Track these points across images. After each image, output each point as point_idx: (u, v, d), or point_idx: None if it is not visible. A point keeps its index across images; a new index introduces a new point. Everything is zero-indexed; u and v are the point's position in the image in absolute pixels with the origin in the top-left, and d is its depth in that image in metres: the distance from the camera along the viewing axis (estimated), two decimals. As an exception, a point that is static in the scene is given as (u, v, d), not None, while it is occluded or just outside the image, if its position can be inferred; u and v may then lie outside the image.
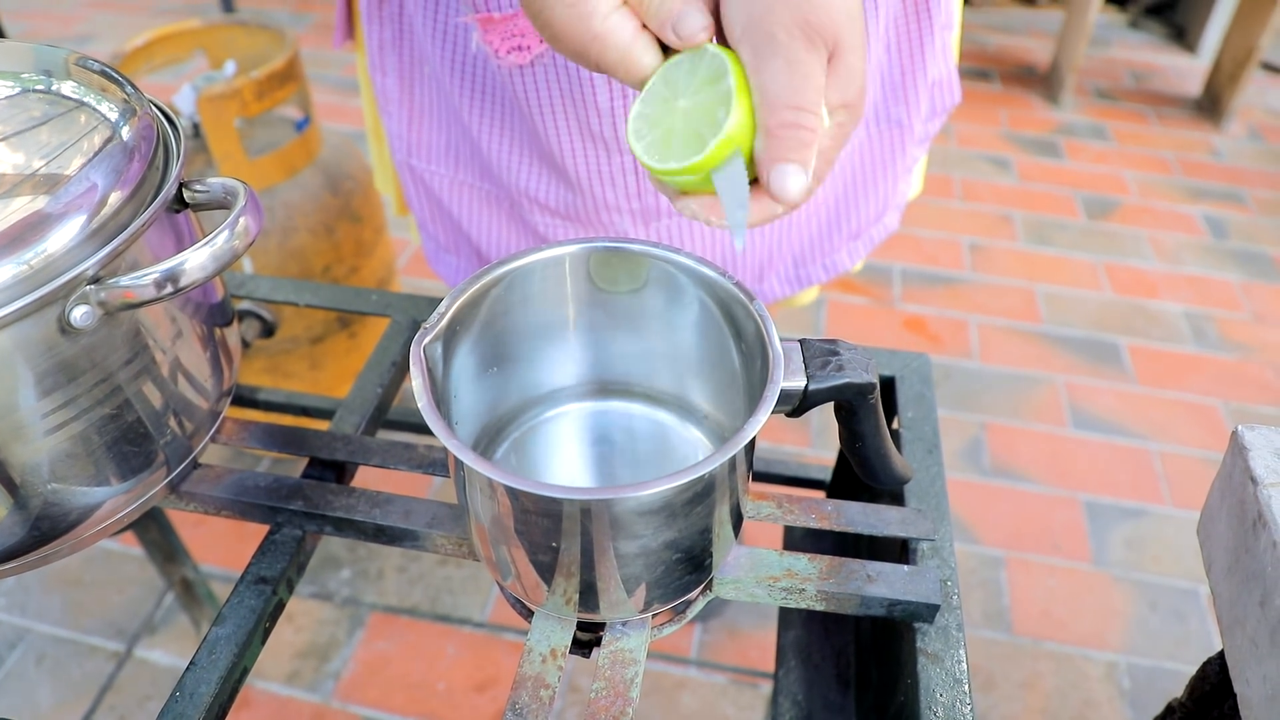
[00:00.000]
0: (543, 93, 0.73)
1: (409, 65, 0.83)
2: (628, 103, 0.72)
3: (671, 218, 0.82)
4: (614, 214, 0.81)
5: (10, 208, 0.40)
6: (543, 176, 0.81)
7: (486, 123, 0.80)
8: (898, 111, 0.86)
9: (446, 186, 0.88)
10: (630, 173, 0.77)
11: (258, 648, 0.52)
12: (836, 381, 0.44)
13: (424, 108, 0.85)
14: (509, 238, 0.90)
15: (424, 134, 0.86)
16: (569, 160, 0.77)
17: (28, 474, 0.44)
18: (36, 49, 0.50)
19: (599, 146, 0.75)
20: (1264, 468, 0.48)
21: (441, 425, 0.39)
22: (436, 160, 0.87)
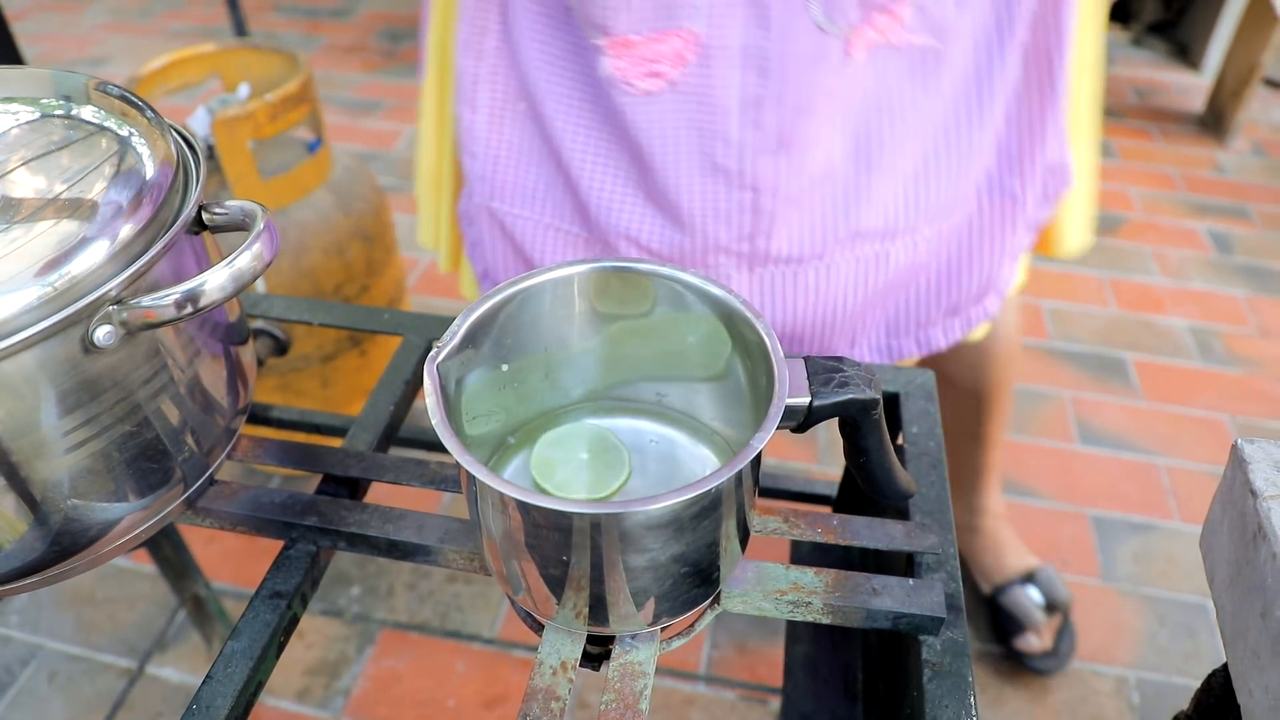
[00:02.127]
0: (667, 123, 0.72)
1: (502, 102, 0.81)
2: (760, 132, 0.72)
3: (779, 265, 0.81)
4: (720, 256, 0.80)
5: (35, 231, 0.41)
6: (647, 216, 0.79)
7: (590, 159, 0.78)
8: (1012, 184, 0.84)
9: (530, 230, 0.85)
10: (746, 210, 0.76)
11: (272, 662, 0.53)
12: (840, 398, 0.44)
13: (515, 147, 0.83)
14: None
15: (511, 175, 0.84)
16: (684, 195, 0.75)
17: (49, 490, 0.45)
18: (56, 75, 0.52)
19: (719, 180, 0.74)
20: (1263, 480, 0.49)
21: (455, 441, 0.40)
22: (522, 203, 0.85)
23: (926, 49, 0.73)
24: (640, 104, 0.72)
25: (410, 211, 2.26)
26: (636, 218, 0.79)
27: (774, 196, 0.76)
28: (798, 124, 0.72)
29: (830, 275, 0.83)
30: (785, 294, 0.83)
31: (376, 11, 3.55)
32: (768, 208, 0.76)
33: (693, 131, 0.72)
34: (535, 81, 0.77)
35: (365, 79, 2.99)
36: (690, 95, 0.71)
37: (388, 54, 3.17)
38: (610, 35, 0.69)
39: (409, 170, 2.47)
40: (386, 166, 2.49)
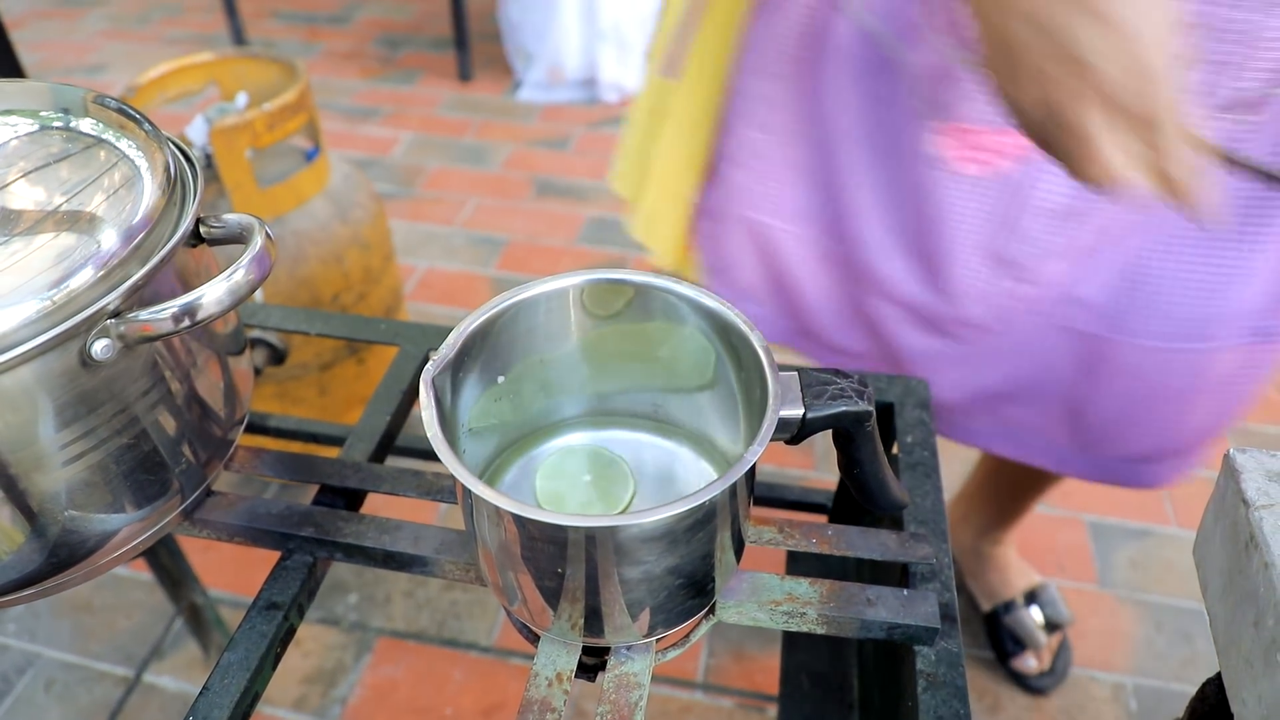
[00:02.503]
0: (970, 204, 0.72)
1: (793, 127, 0.81)
2: (1061, 240, 0.71)
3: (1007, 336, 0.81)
4: (971, 331, 0.80)
5: (34, 244, 0.42)
6: (914, 273, 0.79)
7: (870, 201, 0.78)
8: (1273, 325, 0.80)
9: (791, 243, 0.86)
10: (1005, 296, 0.76)
11: (269, 672, 0.53)
12: (833, 410, 0.45)
13: (797, 168, 0.83)
14: (840, 297, 0.87)
15: (784, 192, 0.84)
16: (959, 270, 0.75)
17: (47, 503, 0.46)
18: (54, 88, 0.52)
19: (1000, 268, 0.74)
20: (1255, 490, 0.49)
21: (450, 455, 0.40)
22: (790, 219, 0.85)
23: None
24: (950, 182, 0.71)
25: (409, 219, 2.27)
26: (904, 271, 0.79)
27: (1045, 290, 0.76)
28: (1100, 245, 0.71)
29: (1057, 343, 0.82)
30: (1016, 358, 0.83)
31: (374, 18, 3.55)
32: (1029, 296, 0.76)
33: (994, 220, 0.72)
34: (835, 120, 0.77)
35: (363, 86, 2.99)
36: (1009, 188, 0.70)
37: (386, 61, 3.18)
38: (952, 119, 0.69)
39: (406, 177, 2.47)
40: (384, 173, 2.49)
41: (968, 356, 0.84)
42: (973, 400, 0.87)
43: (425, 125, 2.75)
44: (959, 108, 0.69)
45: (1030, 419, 0.89)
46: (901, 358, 0.87)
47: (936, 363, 0.86)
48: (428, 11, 3.59)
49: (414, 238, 2.21)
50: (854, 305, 0.87)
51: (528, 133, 2.71)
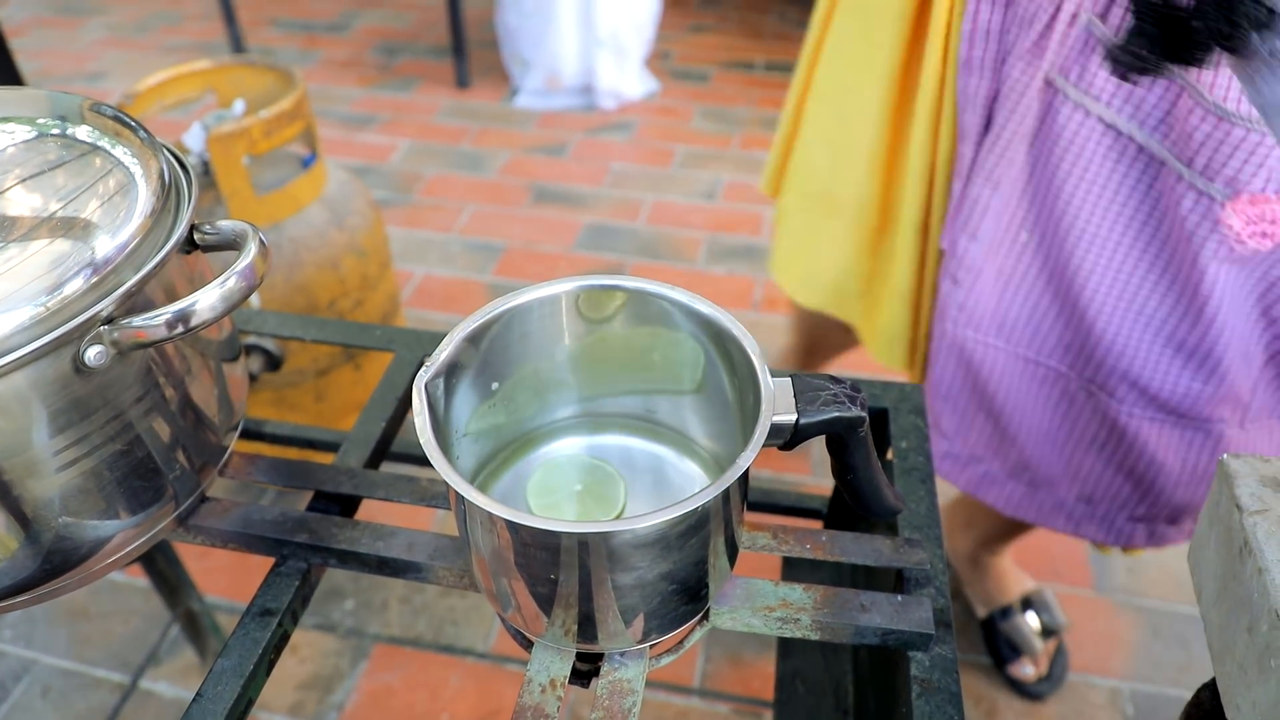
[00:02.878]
0: (1245, 280, 0.70)
1: (1005, 230, 0.80)
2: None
3: (1266, 419, 0.79)
4: (1227, 408, 0.77)
5: (29, 250, 0.42)
6: (1173, 365, 0.77)
7: (1115, 297, 0.76)
8: None
9: (998, 360, 0.84)
10: (1268, 357, 0.75)
11: (263, 679, 0.53)
12: (826, 416, 0.45)
13: (1004, 275, 0.82)
14: (1051, 423, 0.85)
15: (993, 303, 0.83)
16: (1223, 345, 0.73)
17: (40, 509, 0.46)
18: (52, 95, 0.52)
19: (1264, 331, 0.73)
20: (1249, 496, 0.49)
21: (443, 462, 0.40)
22: (999, 333, 0.83)
23: None
24: (1233, 259, 0.70)
25: (406, 225, 2.28)
26: (1159, 366, 0.78)
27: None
28: None
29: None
30: (1265, 450, 0.81)
31: (373, 27, 3.56)
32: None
33: (1263, 285, 0.71)
34: (1066, 214, 0.76)
35: (361, 94, 3.00)
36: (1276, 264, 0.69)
37: (383, 68, 3.19)
38: (1241, 188, 0.67)
39: (404, 184, 2.48)
40: (382, 180, 2.49)
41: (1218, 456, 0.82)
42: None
43: (423, 132, 2.75)
44: (1252, 176, 0.67)
45: None
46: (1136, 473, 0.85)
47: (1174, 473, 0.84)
48: (425, 19, 3.60)
49: (411, 244, 2.21)
50: (1072, 426, 0.84)
51: (525, 139, 2.72)
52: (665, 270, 2.12)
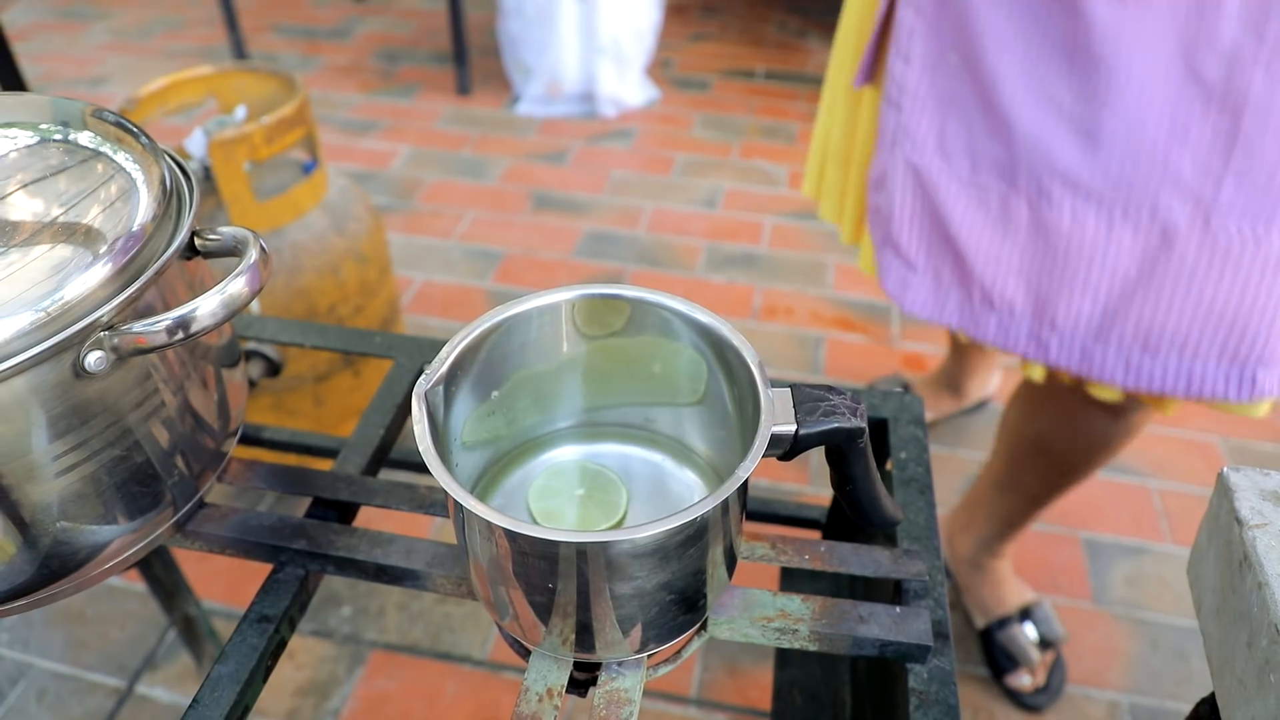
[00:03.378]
0: (1145, 30, 0.67)
1: (936, 51, 0.81)
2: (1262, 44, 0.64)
3: (1240, 221, 0.73)
4: (1174, 198, 0.72)
5: (30, 255, 0.42)
6: (1093, 151, 0.74)
7: (1031, 96, 0.75)
8: None
9: (945, 185, 0.85)
10: (1222, 139, 0.69)
11: (260, 686, 0.53)
12: (826, 426, 0.45)
13: (941, 98, 0.83)
14: (1004, 249, 0.84)
15: (935, 126, 0.84)
16: (1150, 115, 0.70)
17: (38, 513, 0.46)
18: (55, 101, 0.52)
19: (1196, 96, 0.69)
20: (1249, 509, 0.49)
21: (442, 470, 0.40)
22: (943, 156, 0.84)
23: None
24: (1124, 12, 0.67)
25: (406, 231, 2.28)
26: (1079, 153, 0.75)
27: (1263, 123, 0.68)
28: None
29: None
30: (1241, 263, 0.75)
31: (374, 33, 3.57)
32: (1251, 138, 0.69)
33: (1177, 39, 0.67)
34: (977, 19, 0.76)
35: (362, 100, 3.00)
36: (1175, 9, 0.66)
37: (385, 75, 3.19)
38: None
39: (404, 190, 2.48)
40: (382, 186, 2.50)
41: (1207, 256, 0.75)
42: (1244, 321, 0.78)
43: (423, 139, 2.75)
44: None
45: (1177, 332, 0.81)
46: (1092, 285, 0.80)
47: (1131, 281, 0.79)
48: (427, 26, 3.61)
49: (411, 250, 2.22)
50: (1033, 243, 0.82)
51: (526, 146, 2.72)
52: (665, 278, 2.12)
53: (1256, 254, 0.73)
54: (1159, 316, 0.80)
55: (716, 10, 3.81)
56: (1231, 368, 0.81)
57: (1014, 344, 0.91)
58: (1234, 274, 0.75)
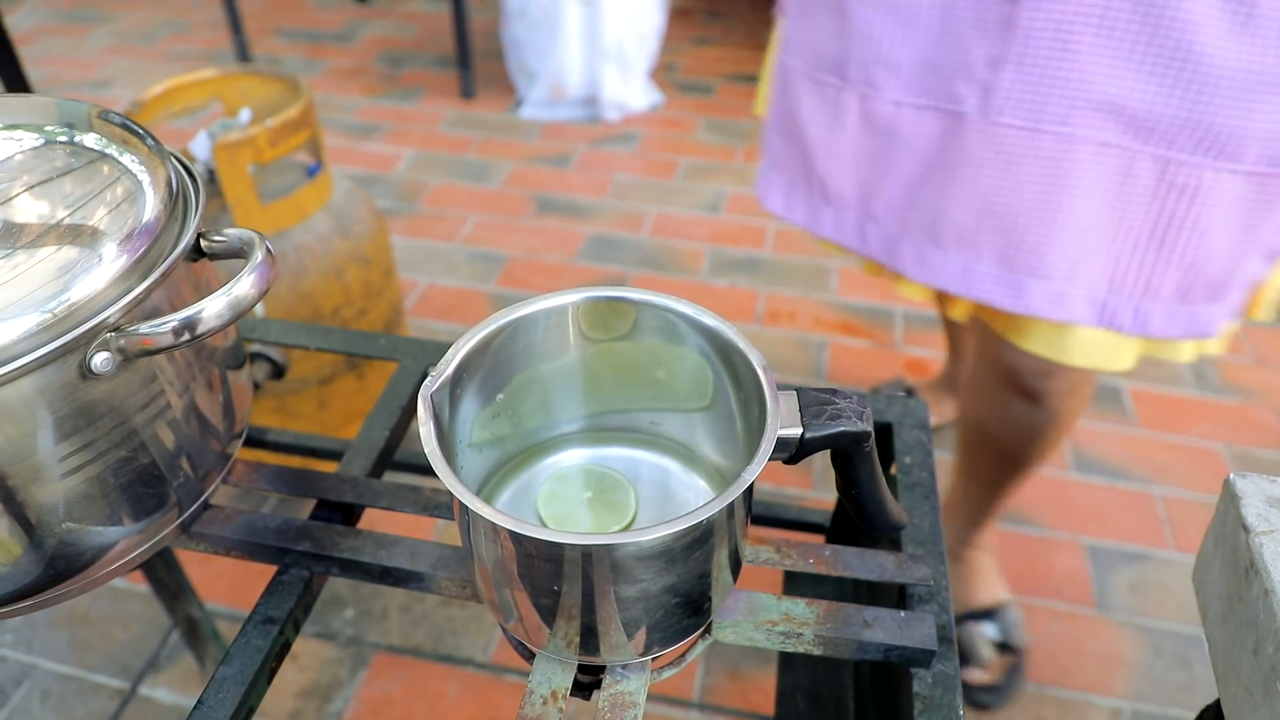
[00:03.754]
0: None
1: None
2: None
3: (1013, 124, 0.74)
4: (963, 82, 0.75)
5: (36, 257, 0.42)
6: (910, 37, 0.78)
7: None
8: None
9: (798, 83, 0.90)
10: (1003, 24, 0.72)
11: (264, 687, 0.53)
12: (832, 430, 0.45)
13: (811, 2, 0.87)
14: (836, 137, 0.89)
15: (798, 29, 0.90)
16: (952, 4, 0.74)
17: (44, 515, 0.46)
18: (60, 103, 0.52)
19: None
20: (1255, 516, 0.49)
21: (448, 471, 0.40)
22: (800, 55, 0.90)
23: None
24: None
25: (410, 234, 2.28)
26: (899, 39, 0.78)
27: (1033, 9, 0.69)
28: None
29: (1065, 155, 0.74)
30: (1015, 160, 0.75)
31: (378, 36, 3.58)
32: (1023, 24, 0.70)
33: None
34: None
35: (366, 103, 3.01)
36: None
37: (388, 78, 3.20)
38: None
39: (408, 193, 2.48)
40: (386, 190, 2.50)
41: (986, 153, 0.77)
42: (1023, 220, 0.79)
43: (427, 142, 2.76)
44: None
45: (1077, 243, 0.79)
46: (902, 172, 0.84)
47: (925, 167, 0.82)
48: (431, 30, 3.61)
49: (415, 254, 2.22)
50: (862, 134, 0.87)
51: (529, 150, 2.72)
52: (668, 282, 2.12)
53: (1027, 150, 0.74)
54: (945, 206, 0.81)
55: (720, 14, 3.82)
56: (1003, 273, 0.81)
57: (845, 237, 0.95)
58: (1007, 168, 0.75)
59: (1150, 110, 0.71)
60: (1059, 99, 0.72)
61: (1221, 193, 0.73)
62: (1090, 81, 0.71)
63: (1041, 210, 0.77)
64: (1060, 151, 0.74)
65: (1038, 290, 0.80)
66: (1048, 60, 0.71)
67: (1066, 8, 0.68)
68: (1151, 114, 0.71)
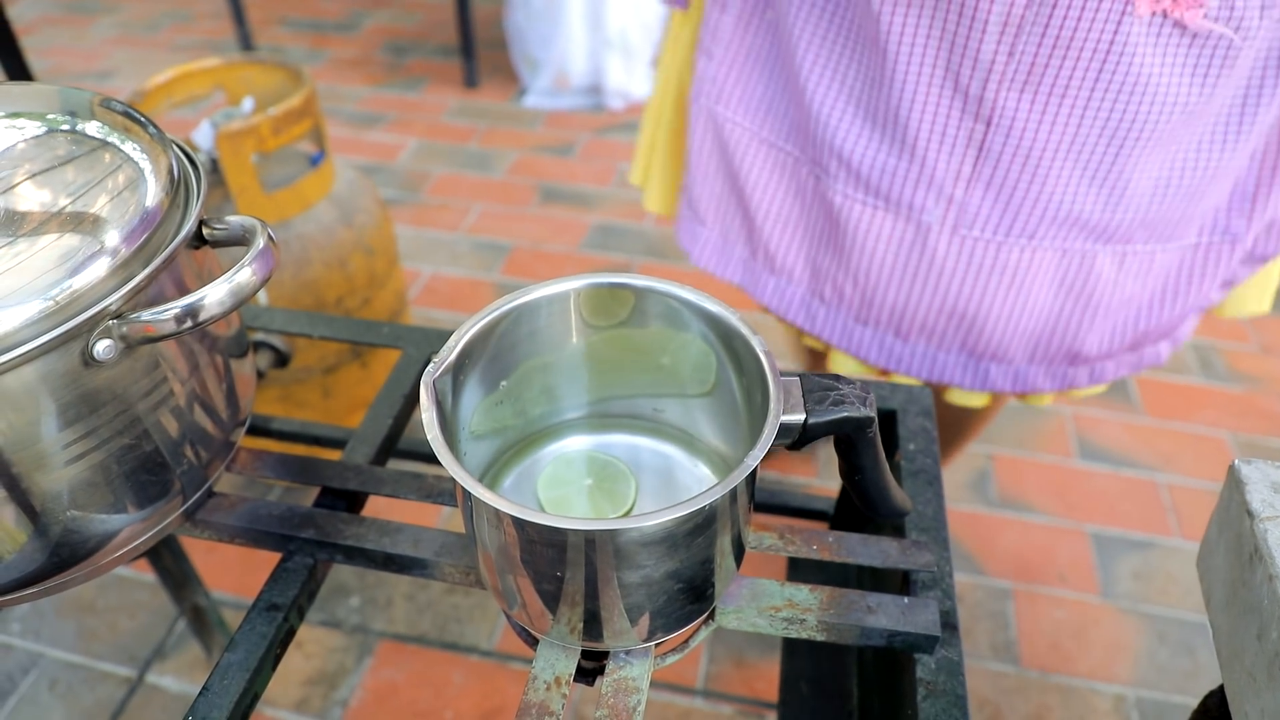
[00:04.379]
0: (920, 31, 0.70)
1: (752, 6, 0.81)
2: (1012, 61, 0.68)
3: (982, 234, 0.77)
4: (929, 195, 0.76)
5: (38, 245, 0.42)
6: (863, 134, 0.77)
7: (820, 68, 0.77)
8: (1237, 225, 0.80)
9: (743, 142, 0.85)
10: (973, 146, 0.73)
11: (269, 674, 0.53)
12: (835, 416, 0.45)
13: (751, 53, 0.83)
14: (791, 212, 0.86)
15: (741, 81, 0.84)
16: (914, 112, 0.73)
17: (48, 502, 0.46)
18: (62, 91, 0.52)
19: (956, 102, 0.72)
20: (1260, 502, 0.49)
21: (451, 458, 0.40)
22: (745, 112, 0.85)
23: (1218, 42, 0.67)
24: (900, 6, 0.70)
25: (414, 224, 2.28)
26: (854, 135, 0.77)
27: (1005, 138, 0.72)
28: (1053, 62, 0.68)
29: (1034, 262, 0.78)
30: (983, 268, 0.79)
31: (381, 26, 3.57)
32: (995, 150, 0.73)
33: (944, 46, 0.70)
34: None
35: (369, 92, 3.00)
36: (954, 5, 0.68)
37: (392, 68, 3.19)
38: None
39: (412, 183, 2.48)
40: (390, 179, 2.50)
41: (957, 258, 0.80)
42: (991, 318, 0.83)
43: (431, 132, 2.75)
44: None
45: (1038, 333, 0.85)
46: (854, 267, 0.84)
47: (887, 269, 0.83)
48: (434, 19, 3.60)
49: (419, 243, 2.22)
50: (811, 213, 0.85)
51: (533, 139, 2.72)
52: (672, 270, 2.12)
53: (996, 261, 0.78)
54: (910, 306, 0.84)
55: (724, 2, 3.79)
56: (969, 360, 0.87)
57: (787, 311, 0.93)
58: (976, 276, 0.79)
59: (1111, 219, 0.76)
60: (1027, 215, 0.76)
61: (1169, 263, 0.82)
62: (1059, 200, 0.75)
63: (1008, 311, 0.82)
64: (1027, 260, 0.79)
65: (999, 373, 0.87)
66: (1018, 181, 0.74)
67: (1039, 135, 0.71)
68: (1113, 222, 0.77)
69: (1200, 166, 0.75)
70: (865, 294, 0.86)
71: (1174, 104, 0.70)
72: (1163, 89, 0.69)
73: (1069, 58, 0.67)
